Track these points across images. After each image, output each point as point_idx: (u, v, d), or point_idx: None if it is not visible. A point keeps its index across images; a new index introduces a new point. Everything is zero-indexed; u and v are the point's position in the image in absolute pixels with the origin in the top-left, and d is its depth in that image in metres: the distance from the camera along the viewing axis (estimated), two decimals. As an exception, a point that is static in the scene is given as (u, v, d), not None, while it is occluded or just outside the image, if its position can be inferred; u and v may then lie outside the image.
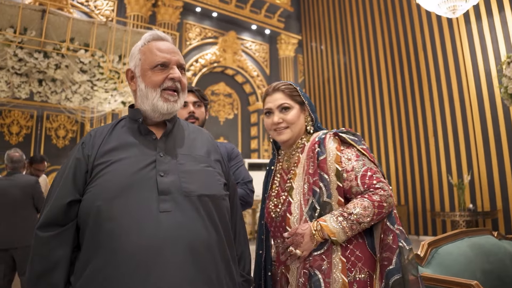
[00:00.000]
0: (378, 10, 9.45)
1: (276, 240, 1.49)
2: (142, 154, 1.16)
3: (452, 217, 6.59)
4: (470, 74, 7.25)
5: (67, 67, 5.71)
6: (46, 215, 1.08)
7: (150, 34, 1.28)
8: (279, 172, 1.58)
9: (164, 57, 1.21)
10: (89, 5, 9.69)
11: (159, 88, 1.21)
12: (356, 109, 9.95)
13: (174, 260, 1.02)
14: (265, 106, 1.56)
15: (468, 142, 7.20)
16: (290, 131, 1.51)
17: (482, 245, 2.44)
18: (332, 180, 1.39)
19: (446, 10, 5.57)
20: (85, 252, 1.05)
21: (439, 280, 1.71)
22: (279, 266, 1.46)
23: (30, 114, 9.52)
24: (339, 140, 1.46)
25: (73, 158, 1.16)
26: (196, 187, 1.15)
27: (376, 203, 1.31)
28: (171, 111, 1.22)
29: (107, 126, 1.25)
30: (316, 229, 1.30)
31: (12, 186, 3.77)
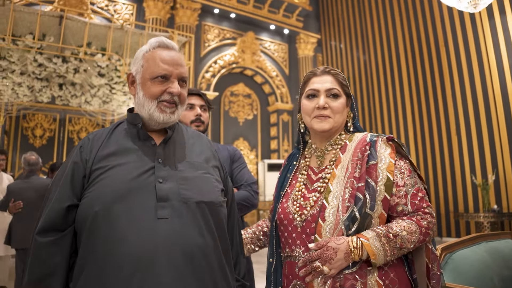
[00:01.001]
0: (397, 6, 9.25)
1: (294, 248, 1.27)
2: (140, 160, 1.15)
3: (476, 219, 6.38)
4: (494, 70, 7.00)
5: (85, 71, 5.83)
6: (45, 220, 1.08)
7: (157, 41, 1.25)
8: (305, 169, 1.39)
9: (165, 69, 1.19)
10: (109, 10, 9.87)
11: (156, 100, 1.19)
12: (376, 107, 9.77)
13: (170, 267, 1.02)
14: (309, 87, 1.37)
15: (492, 140, 6.95)
16: (333, 121, 1.34)
17: (501, 250, 2.33)
18: (380, 190, 1.21)
19: (467, 5, 5.40)
20: (82, 257, 1.05)
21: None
22: (291, 280, 1.27)
23: (53, 117, 9.78)
24: (393, 147, 1.30)
25: (71, 162, 1.16)
26: (194, 194, 1.14)
27: (423, 229, 1.19)
28: (167, 121, 1.21)
29: (106, 130, 1.25)
30: (356, 246, 1.13)
31: (29, 188, 3.90)
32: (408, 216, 1.22)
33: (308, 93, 1.37)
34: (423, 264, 1.23)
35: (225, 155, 2.03)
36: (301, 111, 1.40)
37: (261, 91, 12.39)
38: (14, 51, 5.22)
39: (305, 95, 1.38)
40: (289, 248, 1.29)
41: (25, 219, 3.83)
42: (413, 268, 1.25)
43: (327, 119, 1.33)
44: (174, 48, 1.26)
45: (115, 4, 9.99)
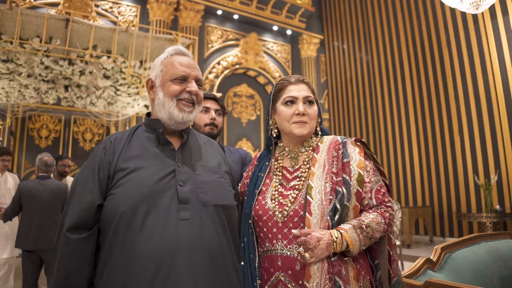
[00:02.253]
0: (400, 7, 9.28)
1: (276, 242, 1.36)
2: (162, 164, 1.22)
3: (478, 219, 6.41)
4: (497, 70, 7.02)
5: (91, 73, 5.89)
6: (75, 218, 1.14)
7: (173, 49, 1.35)
8: (279, 170, 1.48)
9: (184, 71, 1.29)
10: (113, 12, 9.94)
11: (176, 98, 1.28)
12: (379, 108, 9.80)
13: (192, 266, 1.09)
14: (287, 94, 1.45)
15: (495, 141, 6.97)
16: (309, 126, 1.44)
17: (501, 250, 2.36)
18: (353, 184, 1.35)
19: (469, 6, 5.43)
20: (106, 255, 1.12)
21: (448, 286, 1.68)
22: (273, 273, 1.35)
23: (58, 118, 9.87)
24: (360, 147, 1.44)
25: (96, 163, 1.22)
26: (211, 197, 1.22)
27: (387, 220, 1.34)
28: (185, 120, 1.29)
29: (125, 133, 1.32)
30: (337, 237, 1.24)
31: (45, 190, 3.91)
32: (373, 209, 1.36)
33: (286, 100, 1.45)
34: (385, 252, 1.38)
35: (236, 157, 2.09)
36: (277, 116, 1.48)
37: (264, 91, 12.43)
38: (22, 54, 5.29)
39: (283, 101, 1.45)
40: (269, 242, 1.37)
41: (39, 221, 3.82)
42: (373, 255, 1.40)
43: (305, 125, 1.43)
44: (189, 55, 1.37)
45: (119, 6, 10.06)
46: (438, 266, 2.09)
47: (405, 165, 8.86)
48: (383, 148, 9.45)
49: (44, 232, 3.82)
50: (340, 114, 11.38)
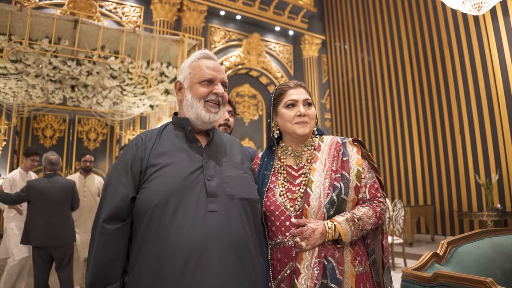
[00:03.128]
0: (402, 8, 9.36)
1: (287, 235, 1.47)
2: (190, 160, 1.31)
3: (479, 217, 6.49)
4: (498, 70, 7.10)
5: (98, 73, 5.97)
6: (111, 210, 1.22)
7: (201, 53, 1.44)
8: (283, 168, 1.60)
9: (211, 74, 1.38)
10: (117, 12, 10.02)
11: (203, 99, 1.37)
12: (381, 108, 9.88)
13: (220, 254, 1.18)
14: (288, 98, 1.57)
15: (496, 140, 7.06)
16: (310, 126, 1.57)
17: (504, 245, 2.44)
18: (352, 180, 1.49)
19: (470, 7, 5.51)
20: (139, 245, 1.20)
21: (455, 277, 1.77)
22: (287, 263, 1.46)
23: (62, 118, 9.96)
24: (358, 146, 1.58)
25: (128, 159, 1.30)
26: (237, 191, 1.32)
27: (378, 214, 1.50)
28: (212, 120, 1.38)
29: (155, 131, 1.41)
30: (330, 227, 1.38)
31: (54, 188, 3.99)
32: (366, 203, 1.52)
33: (287, 103, 1.57)
34: (379, 240, 1.56)
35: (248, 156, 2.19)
36: (280, 118, 1.60)
37: (267, 91, 12.52)
38: (30, 54, 5.37)
39: (284, 105, 1.58)
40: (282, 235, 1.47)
41: (49, 217, 3.89)
42: (369, 243, 1.56)
43: (306, 125, 1.55)
44: (215, 58, 1.46)
45: (123, 6, 10.15)
46: (445, 260, 2.16)
47: (406, 164, 8.94)
48: (385, 148, 9.54)
49: (53, 229, 3.90)
50: (342, 114, 11.47)
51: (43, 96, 6.98)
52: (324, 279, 1.35)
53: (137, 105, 7.29)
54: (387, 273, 1.55)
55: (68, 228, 4.03)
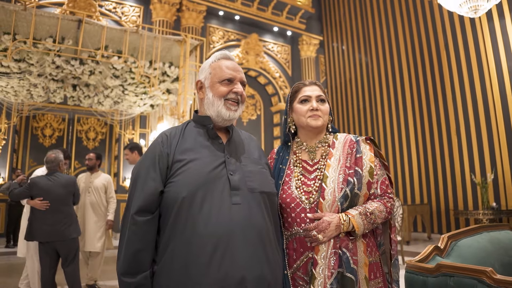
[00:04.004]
0: (399, 10, 9.48)
1: (304, 226, 1.54)
2: (213, 155, 1.39)
3: (475, 216, 6.61)
4: (493, 72, 7.23)
5: (100, 73, 6.02)
6: (141, 203, 1.29)
7: (220, 53, 1.52)
8: (299, 163, 1.68)
9: (231, 74, 1.46)
10: (117, 12, 10.07)
11: (224, 98, 1.45)
12: (378, 108, 9.99)
13: (244, 243, 1.27)
14: (302, 94, 1.68)
15: (491, 141, 7.19)
16: (323, 120, 1.66)
17: (501, 239, 2.54)
18: (365, 175, 1.59)
19: (467, 10, 5.61)
20: (167, 236, 1.29)
21: (457, 267, 1.86)
22: (302, 253, 1.53)
23: (62, 117, 9.99)
24: (370, 144, 1.68)
25: (155, 155, 1.38)
26: (257, 185, 1.41)
27: (388, 209, 1.60)
28: (231, 118, 1.46)
29: (178, 128, 1.49)
30: (345, 220, 1.47)
31: (55, 185, 4.06)
32: (377, 198, 1.61)
33: (301, 99, 1.68)
34: (388, 233, 1.68)
35: None
36: (295, 113, 1.71)
37: (265, 91, 12.60)
38: (34, 54, 5.42)
39: (299, 101, 1.69)
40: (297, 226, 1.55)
41: (52, 214, 3.97)
42: (378, 236, 1.68)
43: (319, 118, 1.65)
44: (234, 59, 1.54)
45: (123, 6, 10.20)
46: (445, 253, 2.26)
47: (403, 164, 9.06)
48: (382, 148, 9.65)
49: (57, 224, 3.97)
50: (339, 114, 11.57)
51: (44, 95, 7.02)
52: (340, 268, 1.44)
53: (138, 105, 7.34)
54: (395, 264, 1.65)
55: (72, 223, 4.10)
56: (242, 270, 1.23)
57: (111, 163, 10.28)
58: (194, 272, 1.21)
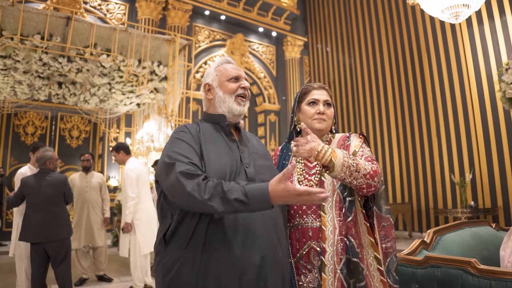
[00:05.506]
0: (382, 13, 9.70)
1: (306, 217, 1.66)
2: (230, 150, 1.51)
3: (454, 214, 6.85)
4: (472, 76, 7.49)
5: (88, 70, 5.99)
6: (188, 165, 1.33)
7: (223, 59, 1.67)
8: (300, 159, 1.78)
9: (236, 72, 1.61)
10: (102, 9, 9.99)
11: (234, 94, 1.57)
12: (361, 109, 10.20)
13: (263, 229, 1.40)
14: (311, 97, 1.79)
15: (470, 142, 7.46)
16: (327, 123, 1.79)
17: (481, 234, 2.71)
18: None
19: (449, 16, 5.81)
20: (197, 216, 1.36)
21: (444, 259, 1.99)
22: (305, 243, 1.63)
23: (44, 115, 9.83)
24: (362, 138, 1.82)
25: (187, 138, 1.45)
26: (268, 178, 1.48)
27: (374, 168, 1.57)
28: (242, 112, 1.59)
29: (193, 125, 1.57)
30: (323, 148, 1.51)
31: (44, 184, 3.98)
32: None
33: (310, 101, 1.80)
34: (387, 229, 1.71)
35: None
36: (302, 114, 1.82)
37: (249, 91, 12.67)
38: (21, 50, 5.36)
39: (307, 102, 1.80)
40: (300, 217, 1.66)
41: (42, 213, 3.91)
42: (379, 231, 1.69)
43: (324, 122, 1.77)
44: (234, 63, 1.69)
45: (108, 3, 10.12)
46: (431, 247, 2.40)
47: (385, 164, 9.29)
48: (365, 148, 9.84)
49: (46, 225, 3.91)
50: (323, 114, 11.73)
51: (29, 93, 6.93)
52: (348, 254, 1.55)
53: (124, 103, 7.32)
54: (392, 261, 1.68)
55: (62, 224, 4.03)
56: (262, 251, 1.36)
57: (95, 161, 10.19)
58: (223, 251, 1.32)
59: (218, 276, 1.30)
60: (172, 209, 1.40)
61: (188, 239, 1.34)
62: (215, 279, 1.29)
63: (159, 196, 1.49)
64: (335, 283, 1.52)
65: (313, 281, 1.60)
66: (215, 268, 1.30)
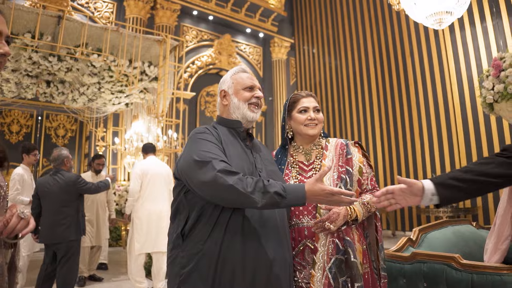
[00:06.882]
0: (368, 17, 9.91)
1: (302, 217, 1.77)
2: (245, 154, 1.61)
3: (436, 213, 7.08)
4: (454, 79, 7.74)
5: (78, 70, 5.98)
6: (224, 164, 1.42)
7: (238, 68, 1.78)
8: (295, 164, 1.89)
9: (251, 82, 1.72)
10: (89, 7, 9.93)
11: (247, 102, 1.68)
12: (346, 110, 10.40)
13: (275, 230, 1.53)
14: (301, 105, 1.90)
15: (451, 144, 7.71)
16: (318, 128, 1.90)
17: (463, 232, 2.87)
18: (355, 174, 1.84)
19: (433, 22, 6.01)
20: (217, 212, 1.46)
21: (429, 255, 2.13)
22: (300, 241, 1.75)
23: (30, 113, 9.72)
24: (358, 147, 1.94)
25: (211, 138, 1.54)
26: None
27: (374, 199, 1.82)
28: (254, 119, 1.69)
29: (211, 128, 1.65)
30: (352, 209, 1.71)
31: (55, 185, 3.99)
32: (368, 192, 1.87)
33: (300, 109, 1.91)
34: (373, 224, 1.89)
35: None
36: (293, 121, 1.92)
37: (236, 92, 12.74)
38: (11, 49, 5.33)
39: (298, 110, 1.91)
40: (296, 218, 1.78)
41: (52, 215, 3.93)
42: (366, 228, 1.90)
43: (315, 127, 1.88)
44: (249, 72, 1.80)
45: (96, 1, 10.06)
46: (417, 244, 2.55)
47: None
48: (350, 149, 10.03)
49: (56, 226, 3.91)
50: (309, 115, 11.88)
51: (16, 91, 6.87)
52: (338, 254, 1.67)
53: (112, 103, 7.32)
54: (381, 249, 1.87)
55: (71, 225, 4.01)
56: (273, 252, 1.46)
57: (81, 161, 10.12)
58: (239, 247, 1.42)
59: (233, 271, 1.39)
60: (191, 205, 1.49)
61: (207, 234, 1.43)
62: (231, 274, 1.39)
63: (177, 194, 1.55)
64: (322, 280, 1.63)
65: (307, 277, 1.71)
66: (231, 263, 1.40)
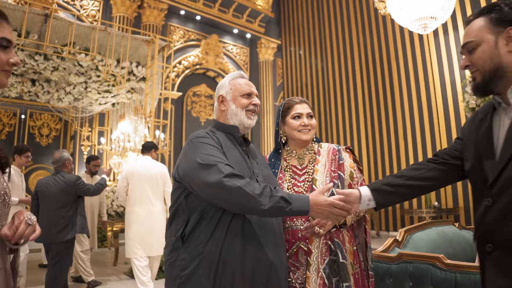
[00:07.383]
0: (355, 20, 10.04)
1: (296, 220, 1.81)
2: (243, 159, 1.63)
3: (419, 214, 7.23)
4: (437, 82, 7.91)
5: (64, 69, 5.92)
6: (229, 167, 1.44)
7: (237, 73, 1.78)
8: (289, 168, 1.93)
9: (249, 89, 1.72)
10: (75, 5, 9.82)
11: (245, 109, 1.69)
12: (332, 112, 10.51)
13: (273, 234, 1.56)
14: (295, 111, 1.94)
15: (434, 145, 7.88)
16: (311, 133, 1.93)
17: (446, 233, 2.96)
18: (346, 179, 1.88)
19: (418, 27, 6.14)
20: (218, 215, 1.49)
21: (415, 255, 2.21)
22: (294, 243, 1.79)
23: (13, 112, 9.56)
24: (350, 153, 1.98)
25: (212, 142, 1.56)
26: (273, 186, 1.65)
27: None
28: (251, 125, 1.72)
29: (210, 133, 1.67)
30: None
31: (55, 185, 4.02)
32: None
33: (294, 115, 1.93)
34: (362, 226, 1.95)
35: None
36: (287, 127, 1.96)
37: (223, 92, 12.74)
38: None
39: (292, 116, 1.94)
40: (290, 220, 1.81)
41: (49, 215, 3.93)
42: (355, 230, 1.94)
43: (309, 132, 1.91)
44: (247, 77, 1.81)
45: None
46: (403, 245, 2.62)
47: (355, 165, 9.62)
48: (336, 150, 10.15)
49: (49, 227, 3.89)
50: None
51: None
52: (331, 256, 1.73)
53: (99, 102, 7.26)
54: (369, 250, 1.94)
55: (67, 226, 4.00)
56: (271, 255, 1.50)
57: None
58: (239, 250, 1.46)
59: (233, 273, 1.43)
60: (191, 208, 1.51)
61: (208, 236, 1.46)
62: (231, 276, 1.43)
63: (177, 197, 1.56)
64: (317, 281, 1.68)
65: (300, 278, 1.75)
66: (231, 265, 1.43)
